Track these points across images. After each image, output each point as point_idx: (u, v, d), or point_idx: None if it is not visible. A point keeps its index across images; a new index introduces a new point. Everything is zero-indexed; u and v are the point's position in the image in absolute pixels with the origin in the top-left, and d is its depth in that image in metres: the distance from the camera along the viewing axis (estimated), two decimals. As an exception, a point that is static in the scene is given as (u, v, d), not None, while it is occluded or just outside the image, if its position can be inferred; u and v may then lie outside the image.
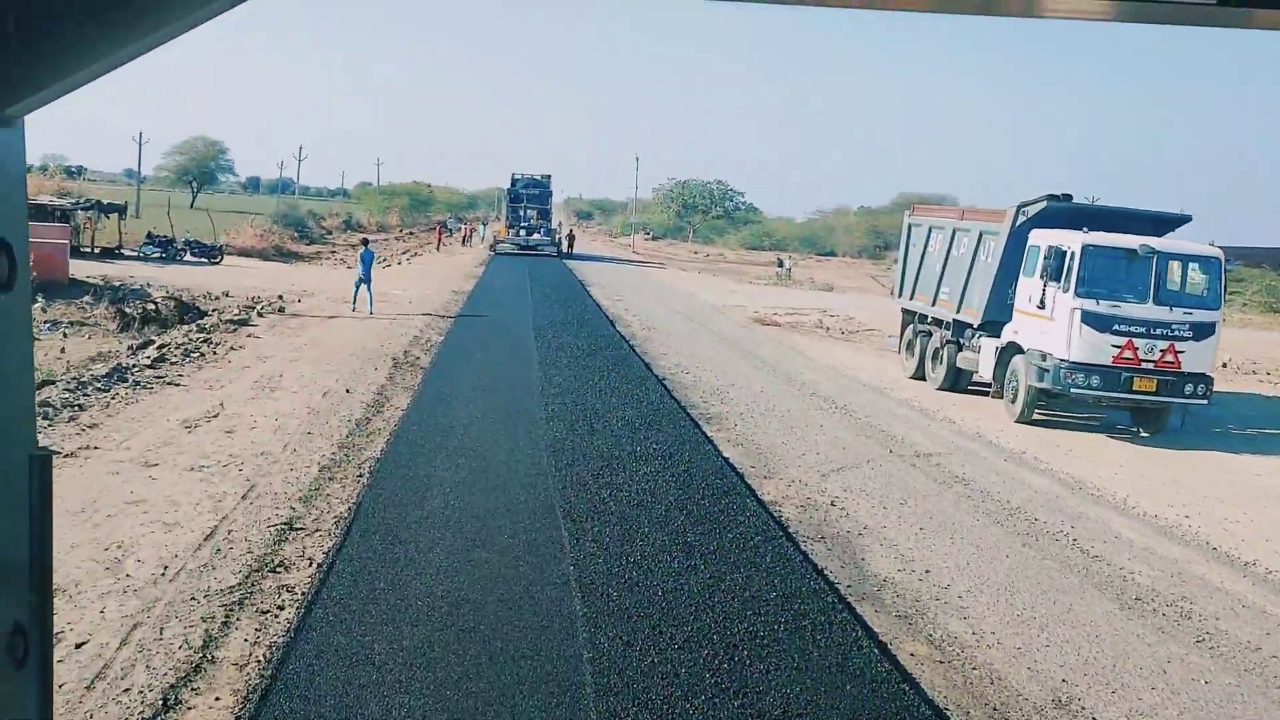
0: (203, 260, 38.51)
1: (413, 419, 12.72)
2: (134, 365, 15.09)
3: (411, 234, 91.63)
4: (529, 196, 57.65)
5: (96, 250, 35.58)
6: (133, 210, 70.31)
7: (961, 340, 18.34)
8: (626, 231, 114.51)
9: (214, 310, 22.98)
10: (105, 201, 39.75)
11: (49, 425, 11.12)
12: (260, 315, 22.33)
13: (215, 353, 17.05)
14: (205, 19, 1.22)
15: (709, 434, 12.98)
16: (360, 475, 10.03)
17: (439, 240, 63.09)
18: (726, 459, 11.65)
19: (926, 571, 8.48)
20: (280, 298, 26.01)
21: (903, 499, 10.71)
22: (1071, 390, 15.20)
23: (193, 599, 6.81)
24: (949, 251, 18.99)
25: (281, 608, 6.81)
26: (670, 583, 7.54)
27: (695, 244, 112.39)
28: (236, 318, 21.16)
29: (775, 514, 9.61)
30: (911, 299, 20.62)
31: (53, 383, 13.31)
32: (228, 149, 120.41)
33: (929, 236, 20.04)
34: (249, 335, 19.34)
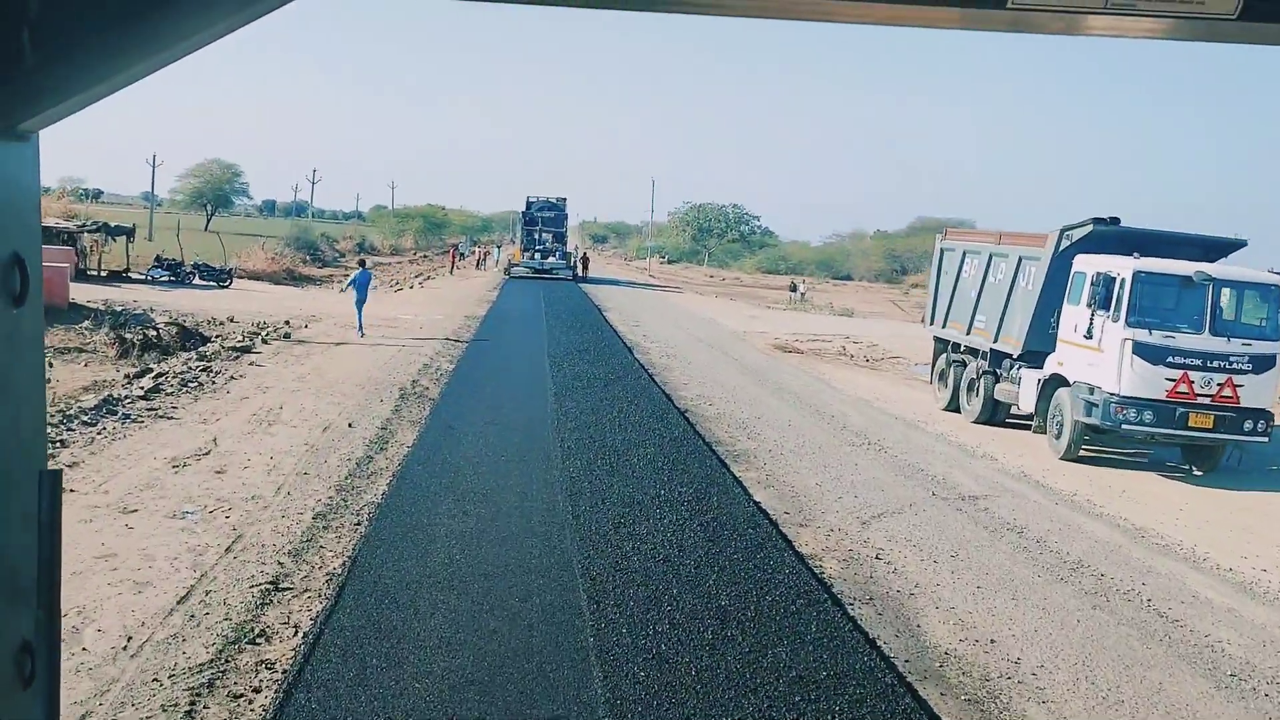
0: (212, 284, 37.88)
1: (418, 457, 11.82)
2: (126, 396, 14.26)
3: (426, 257, 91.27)
4: (544, 219, 56.96)
5: (103, 273, 34.95)
6: (145, 233, 70.14)
7: (999, 371, 17.37)
8: (642, 255, 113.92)
9: (217, 337, 22.20)
10: (113, 224, 39.17)
11: (25, 465, 10.28)
12: (265, 342, 21.53)
13: (214, 382, 16.23)
14: (216, 37, 1.30)
15: (737, 474, 12.04)
16: (358, 524, 9.14)
17: (452, 264, 62.45)
18: (758, 503, 10.71)
19: (991, 641, 7.51)
20: (287, 323, 25.24)
21: (953, 550, 9.74)
22: (1122, 426, 14.20)
23: (155, 680, 5.91)
24: (985, 278, 18.06)
25: (258, 689, 5.90)
26: (705, 659, 6.59)
27: (710, 268, 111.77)
28: (239, 345, 20.36)
29: (817, 570, 8.66)
30: (944, 327, 19.67)
31: (36, 416, 12.49)
32: (242, 172, 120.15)
33: (963, 262, 19.11)
34: (251, 363, 18.52)
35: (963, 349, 18.93)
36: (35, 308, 1.16)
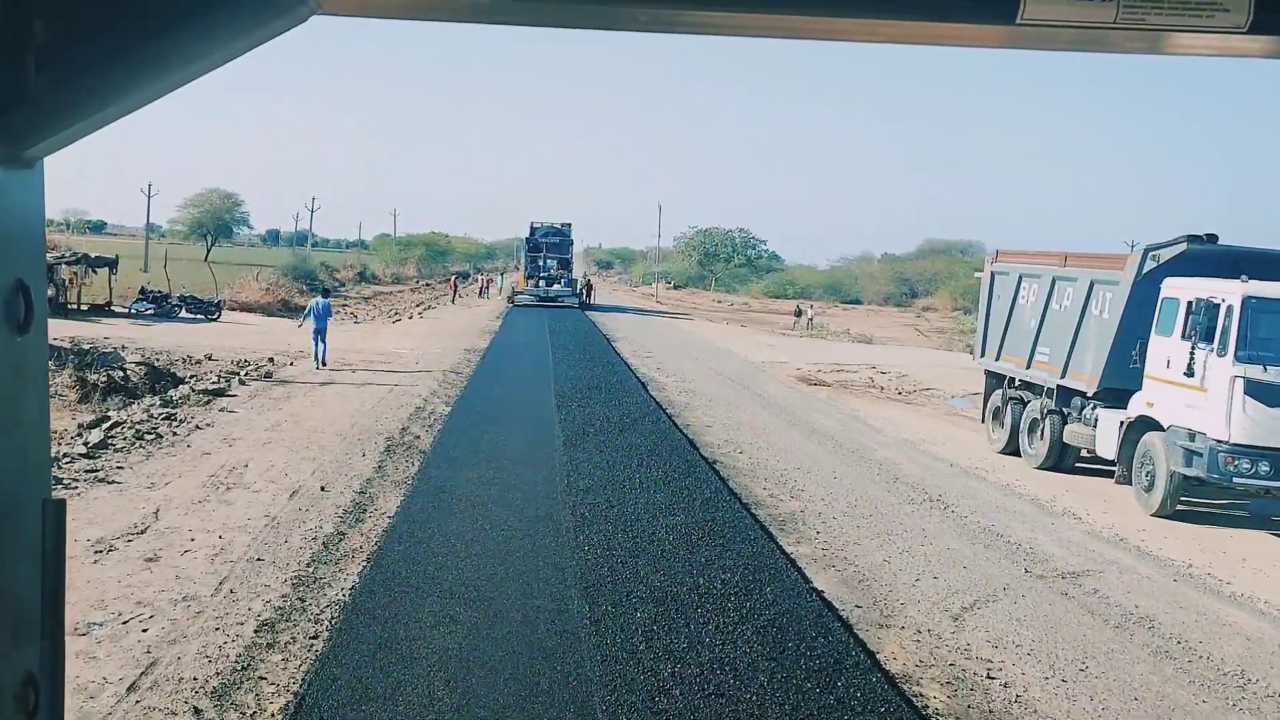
0: (199, 317, 35.96)
1: (400, 532, 9.73)
2: (64, 455, 12.20)
3: (428, 285, 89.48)
4: (549, 245, 55.08)
5: (83, 307, 33.05)
6: (142, 264, 68.34)
7: (1068, 410, 15.26)
8: (649, 280, 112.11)
9: (191, 377, 20.18)
10: (94, 255, 37.25)
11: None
12: (242, 383, 19.49)
13: (175, 433, 14.17)
14: (220, 62, 1.34)
15: (788, 548, 9.93)
16: (313, 638, 7.04)
17: (454, 292, 60.50)
18: (821, 593, 8.60)
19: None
20: (270, 360, 23.22)
21: (1080, 660, 7.60)
22: (1234, 480, 12.08)
23: None
24: (1048, 305, 15.98)
25: None
26: None
27: (718, 292, 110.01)
28: (213, 387, 18.32)
29: (918, 702, 6.54)
30: (998, 360, 17.57)
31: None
32: (243, 201, 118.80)
33: (1019, 287, 17.05)
34: (222, 409, 16.47)
35: (1020, 385, 16.84)
36: (40, 336, 1.16)
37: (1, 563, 1.07)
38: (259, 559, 8.79)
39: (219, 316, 36.27)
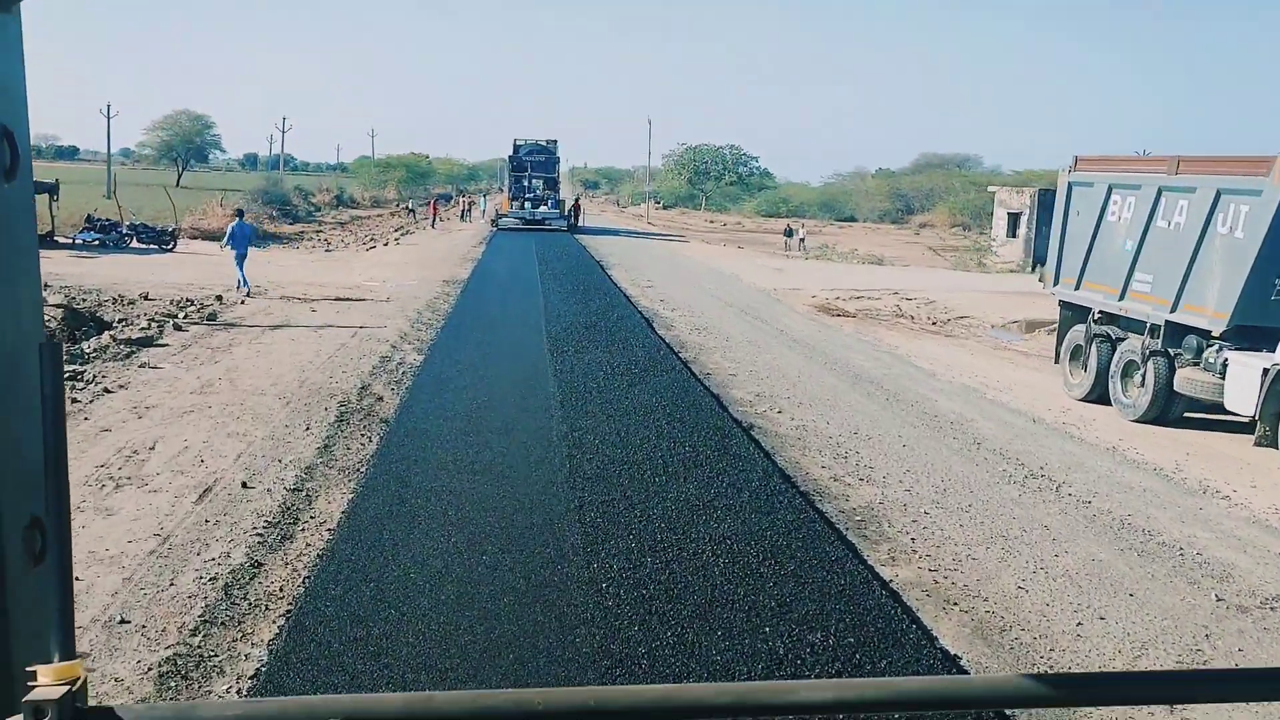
0: (152, 247, 32.71)
1: (342, 559, 6.90)
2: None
3: (408, 209, 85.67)
4: (534, 164, 51.51)
5: (19, 239, 29.71)
6: (104, 190, 64.57)
7: (1179, 352, 12.44)
8: (637, 201, 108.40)
9: (121, 321, 17.15)
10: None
11: None
12: (178, 328, 16.50)
13: (74, 401, 11.24)
14: None
15: (881, 568, 7.15)
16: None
17: (434, 216, 56.99)
18: (956, 658, 5.83)
19: None
20: (218, 298, 20.16)
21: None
22: None
23: None
24: (1150, 222, 13.05)
25: None
26: None
27: (709, 212, 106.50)
28: (138, 335, 15.33)
29: None
30: (1077, 289, 14.69)
31: None
32: (214, 123, 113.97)
33: (1107, 201, 14.08)
34: (144, 364, 13.52)
35: (1107, 319, 14.00)
36: (26, 182, 1.11)
37: (2, 406, 1.06)
38: (122, 621, 5.94)
39: (174, 246, 33.04)
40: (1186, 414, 12.83)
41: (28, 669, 0.97)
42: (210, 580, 6.54)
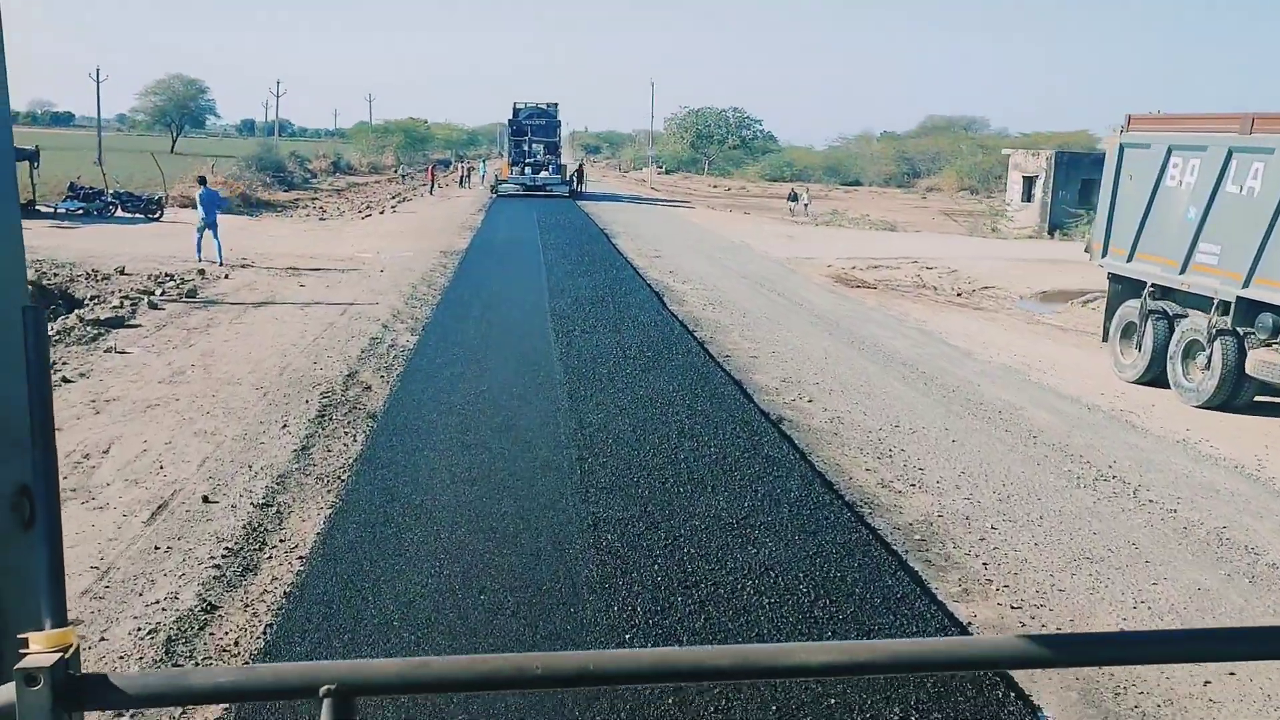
0: (138, 216, 31.44)
1: (313, 599, 5.76)
2: None
3: (408, 175, 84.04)
4: (534, 128, 50.01)
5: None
6: (95, 157, 63.14)
7: (1251, 331, 11.24)
8: (639, 165, 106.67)
9: (92, 299, 15.95)
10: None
11: None
12: (154, 306, 15.30)
13: (26, 393, 10.05)
14: None
15: (954, 604, 5.99)
16: None
17: (432, 182, 55.52)
18: (1069, 741, 4.69)
19: None
20: (201, 273, 18.94)
21: None
22: None
23: None
24: (1218, 187, 11.79)
25: None
26: None
27: (712, 176, 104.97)
28: (108, 315, 14.13)
29: None
30: (1130, 260, 13.44)
31: None
32: (208, 88, 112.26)
33: (1166, 163, 12.80)
34: (110, 349, 12.34)
35: (1164, 294, 12.78)
36: (5, 144, 1.11)
37: None
38: None
39: (160, 216, 31.74)
40: (1257, 398, 11.67)
41: (19, 636, 0.96)
42: (149, 633, 5.39)
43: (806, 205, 49.26)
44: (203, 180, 23.51)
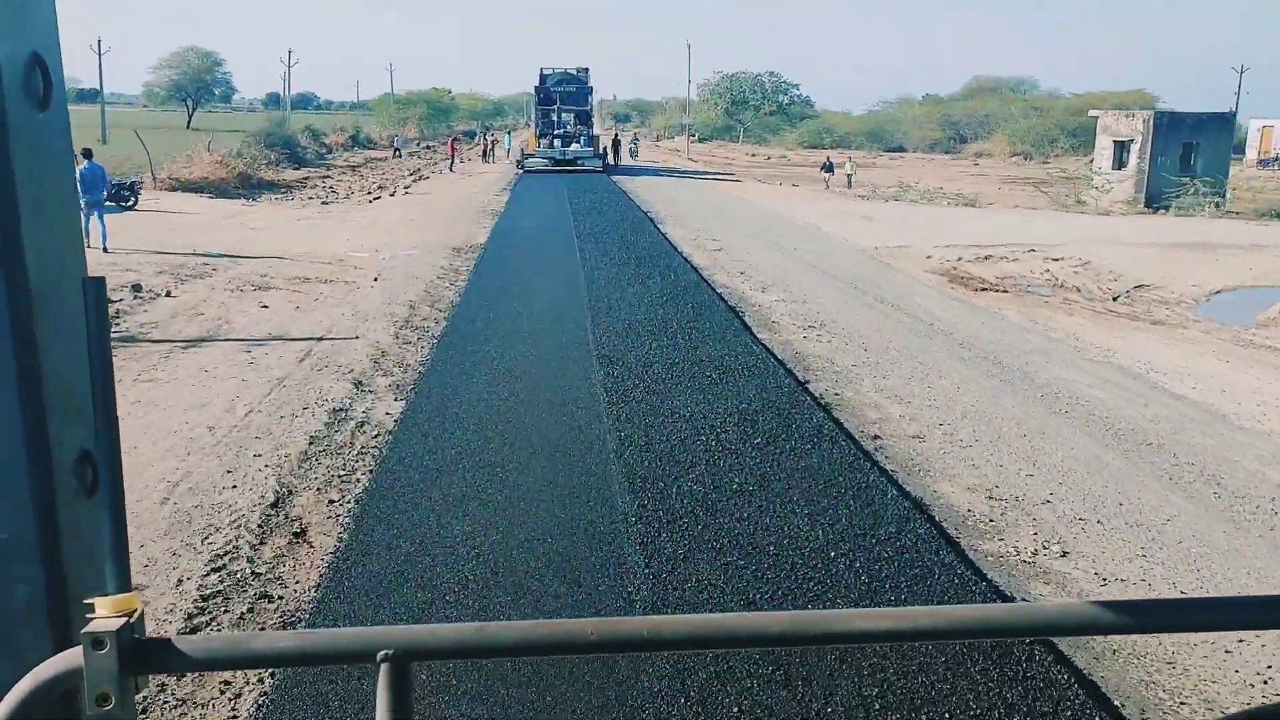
0: (109, 205, 27.16)
1: None
2: None
3: (429, 148, 79.40)
4: (563, 95, 45.25)
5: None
6: (98, 135, 58.84)
7: None
8: (672, 133, 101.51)
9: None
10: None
11: None
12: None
13: None
14: None
15: None
16: None
17: (452, 158, 50.88)
18: None
19: None
20: (135, 289, 14.48)
21: None
22: None
23: None
24: None
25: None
26: None
27: (748, 144, 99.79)
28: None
29: None
30: None
31: None
32: (224, 60, 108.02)
33: None
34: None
35: None
36: (61, 111, 1.09)
37: (48, 342, 1.06)
38: None
39: (135, 203, 27.39)
40: None
41: (85, 601, 0.98)
42: None
43: (850, 175, 44.01)
44: (88, 154, 19.28)
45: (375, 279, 16.08)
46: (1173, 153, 38.89)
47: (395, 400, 9.31)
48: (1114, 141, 40.41)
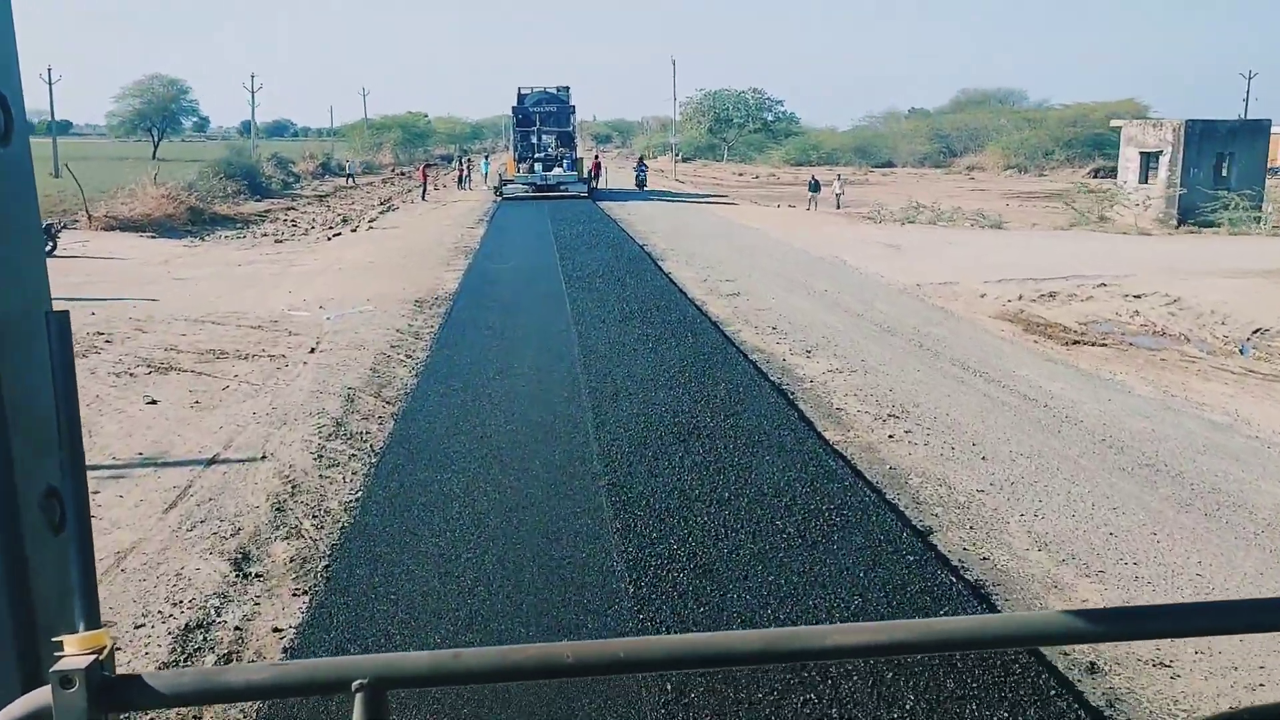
0: (24, 251, 23.62)
1: None
2: None
3: (404, 174, 76.01)
4: (544, 116, 41.89)
5: None
6: (50, 169, 55.04)
7: None
8: (655, 154, 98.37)
9: None
10: None
11: None
12: None
13: None
14: None
15: None
16: None
17: (424, 185, 47.38)
18: None
19: None
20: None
21: None
22: None
23: None
24: None
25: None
26: None
27: (732, 163, 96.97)
28: None
29: None
30: None
31: None
32: (189, 88, 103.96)
33: None
34: None
35: None
36: (23, 145, 1.10)
37: (12, 377, 1.04)
38: None
39: (54, 249, 23.82)
40: None
41: (53, 639, 0.97)
42: None
43: (839, 194, 40.93)
44: None
45: (312, 349, 12.59)
46: (1206, 164, 35.93)
47: (294, 596, 5.81)
48: (1140, 153, 37.37)
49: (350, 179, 58.16)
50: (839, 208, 39.63)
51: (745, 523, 6.71)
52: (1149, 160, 37.10)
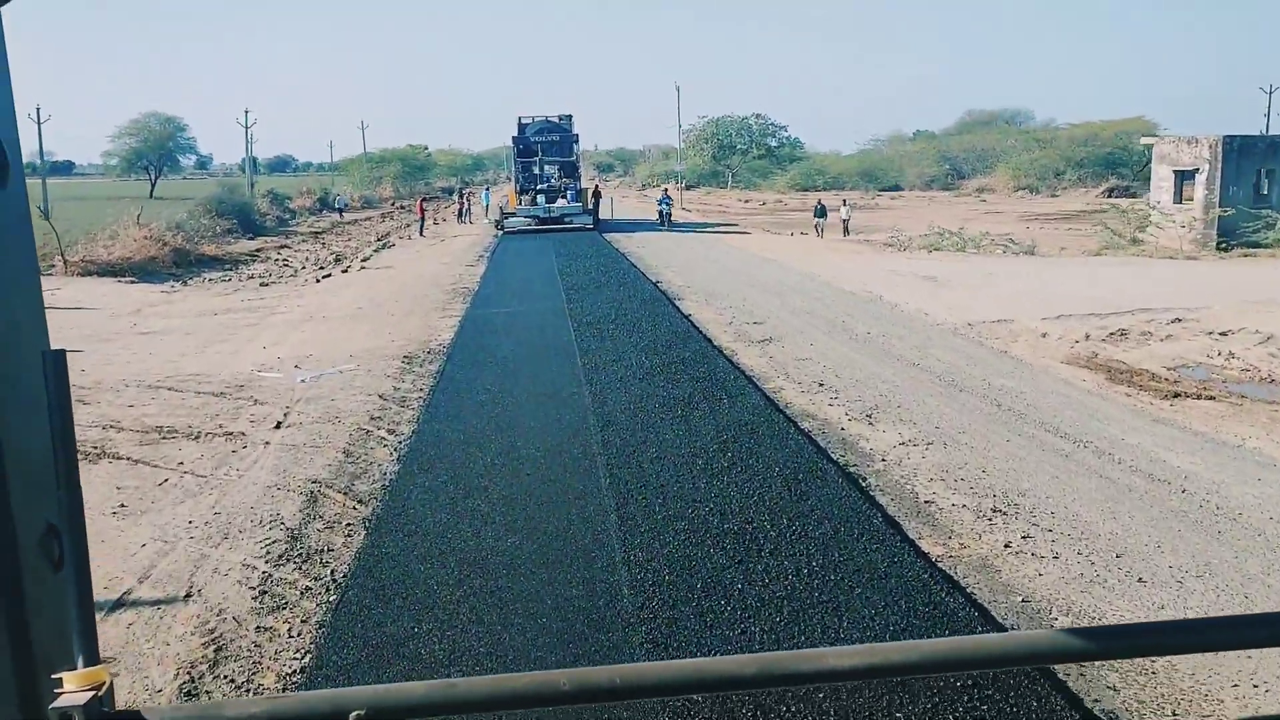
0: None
1: None
2: None
3: (403, 208, 74.29)
4: (545, 146, 40.04)
5: None
6: (39, 208, 53.21)
7: None
8: (658, 182, 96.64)
9: None
10: None
11: None
12: None
13: None
14: None
15: None
16: None
17: (421, 220, 45.47)
18: None
19: None
20: None
21: None
22: None
23: None
24: None
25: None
26: None
27: (737, 190, 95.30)
28: None
29: None
30: None
31: None
32: (186, 126, 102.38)
33: None
34: None
35: None
36: (19, 187, 1.12)
37: (9, 415, 1.04)
38: None
39: (16, 300, 21.87)
40: None
41: (53, 676, 0.96)
42: None
43: (846, 220, 39.01)
44: None
45: (278, 424, 10.57)
46: (1245, 181, 34.06)
47: None
48: (1174, 171, 35.43)
49: (340, 213, 56.36)
50: (846, 233, 37.75)
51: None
52: (1183, 179, 35.21)
